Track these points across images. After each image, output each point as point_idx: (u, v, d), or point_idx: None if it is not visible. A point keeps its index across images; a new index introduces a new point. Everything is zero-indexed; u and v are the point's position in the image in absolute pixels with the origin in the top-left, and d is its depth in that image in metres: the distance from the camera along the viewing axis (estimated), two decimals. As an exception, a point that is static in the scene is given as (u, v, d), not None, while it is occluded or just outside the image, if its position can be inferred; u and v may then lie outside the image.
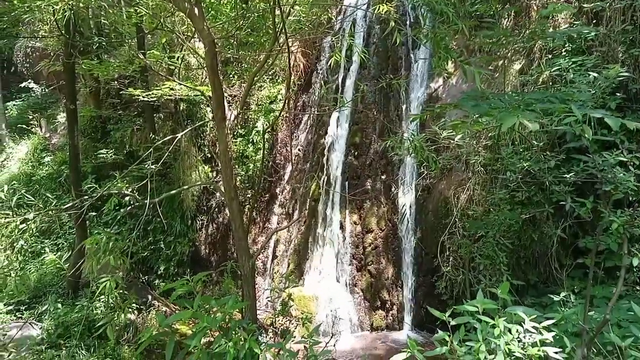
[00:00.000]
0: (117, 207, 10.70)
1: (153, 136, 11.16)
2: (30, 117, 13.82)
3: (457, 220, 8.36)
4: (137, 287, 9.33)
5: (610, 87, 6.48)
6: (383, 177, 10.43)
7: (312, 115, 12.15)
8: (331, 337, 7.74)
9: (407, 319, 9.09)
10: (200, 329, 3.50)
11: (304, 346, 4.08)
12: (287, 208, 11.61)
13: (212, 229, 11.55)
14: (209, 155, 12.22)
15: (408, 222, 9.44)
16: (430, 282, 8.88)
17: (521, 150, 7.85)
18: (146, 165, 8.17)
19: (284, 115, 12.46)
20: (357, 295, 9.65)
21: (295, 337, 4.39)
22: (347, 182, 10.69)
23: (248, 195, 11.88)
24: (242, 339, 3.59)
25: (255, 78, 6.63)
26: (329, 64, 11.90)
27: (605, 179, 3.68)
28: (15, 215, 4.40)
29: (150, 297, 9.28)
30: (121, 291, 4.25)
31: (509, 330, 2.80)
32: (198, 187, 11.41)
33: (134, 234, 4.96)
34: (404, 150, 7.05)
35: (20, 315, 8.65)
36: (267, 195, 12.07)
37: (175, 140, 6.57)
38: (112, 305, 8.78)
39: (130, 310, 8.67)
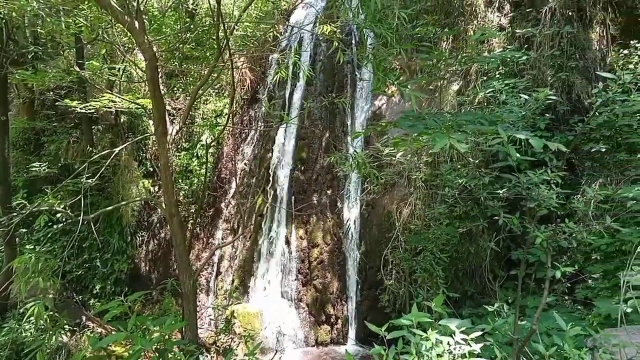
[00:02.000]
0: (49, 224, 10.20)
1: (90, 149, 10.72)
2: (-46, 126, 12.86)
3: (399, 234, 8.59)
4: (71, 307, 8.85)
5: (540, 109, 6.94)
6: (329, 191, 10.55)
7: (258, 129, 12.14)
8: (275, 353, 7.68)
9: (352, 333, 9.17)
10: (135, 352, 3.39)
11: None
12: (232, 223, 11.46)
13: (153, 245, 11.18)
14: (151, 170, 11.87)
15: (352, 236, 9.58)
16: (374, 295, 9.03)
17: (458, 167, 8.23)
18: (82, 180, 7.84)
19: (230, 129, 12.36)
20: (302, 310, 9.64)
21: (237, 355, 4.34)
22: (293, 197, 10.73)
23: (192, 210, 11.63)
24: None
25: (200, 92, 6.56)
26: (275, 79, 11.99)
27: (530, 196, 3.94)
28: None
29: (84, 317, 8.82)
30: (52, 313, 4.02)
31: (441, 343, 2.91)
32: (139, 202, 11.04)
33: (65, 253, 4.73)
34: (348, 166, 7.19)
35: None
36: (211, 210, 11.87)
37: (115, 154, 6.35)
38: (42, 327, 8.30)
39: (62, 332, 8.22)
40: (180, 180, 11.69)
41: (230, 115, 11.52)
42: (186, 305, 5.83)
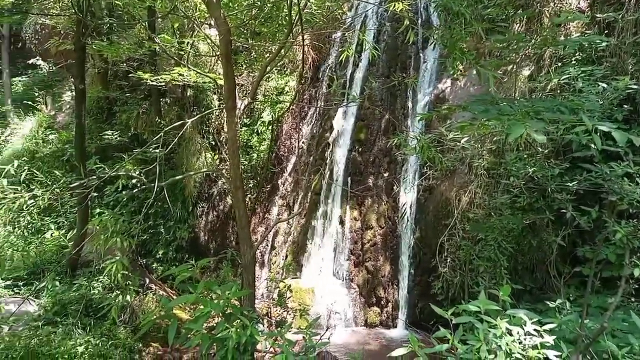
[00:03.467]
0: (118, 189, 10.79)
1: (159, 120, 11.18)
2: (36, 94, 13.80)
3: (457, 222, 8.40)
4: (136, 269, 9.38)
5: (618, 99, 6.50)
6: (385, 174, 10.46)
7: (318, 108, 12.17)
8: (326, 329, 7.82)
9: (401, 317, 9.15)
10: (204, 314, 3.55)
11: (303, 337, 4.14)
12: (288, 200, 11.64)
13: (212, 217, 11.59)
14: (213, 143, 12.24)
15: (408, 221, 9.48)
16: (426, 282, 8.94)
17: (525, 156, 7.89)
18: (152, 149, 8.21)
19: (290, 107, 12.48)
20: (352, 290, 9.71)
21: (292, 327, 4.45)
22: (349, 178, 10.72)
23: (250, 185, 11.91)
24: (244, 326, 3.64)
25: (267, 68, 6.64)
26: (338, 58, 11.91)
27: (612, 189, 3.72)
28: (24, 191, 4.43)
29: (147, 280, 9.33)
30: (125, 272, 4.28)
31: (509, 332, 2.85)
32: (201, 174, 11.44)
33: (140, 216, 4.99)
34: (410, 149, 7.08)
35: (18, 291, 8.69)
36: (269, 186, 12.11)
37: (186, 127, 6.58)
38: (110, 286, 8.86)
39: (127, 292, 8.74)
40: (240, 156, 11.96)
41: (298, 92, 11.61)
42: (245, 276, 6.01)
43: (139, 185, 5.38)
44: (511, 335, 2.81)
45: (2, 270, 6.78)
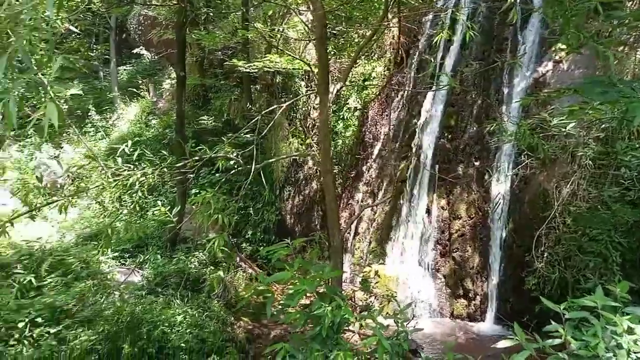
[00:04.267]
0: (212, 172, 11.38)
1: (249, 106, 11.60)
2: (140, 81, 14.90)
3: (557, 215, 7.86)
4: (229, 247, 9.88)
5: None
6: (476, 163, 10.02)
7: (406, 94, 11.92)
8: (412, 318, 7.72)
9: (490, 311, 8.78)
10: (300, 291, 3.64)
11: (394, 321, 4.10)
12: (372, 186, 11.59)
13: (298, 200, 11.86)
14: (300, 129, 12.48)
15: (502, 212, 9.03)
16: (519, 276, 8.48)
17: (637, 146, 7.17)
18: (243, 134, 8.55)
19: (376, 93, 12.34)
20: (438, 280, 9.49)
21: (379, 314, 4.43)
22: (437, 166, 10.42)
23: (335, 171, 12.01)
24: (338, 306, 3.68)
25: (359, 52, 6.60)
26: (428, 42, 11.55)
27: None
28: (136, 169, 4.82)
29: (238, 258, 9.78)
30: (224, 248, 4.51)
31: (631, 331, 2.61)
32: (288, 158, 11.73)
33: (239, 195, 5.24)
34: (507, 135, 6.70)
35: (124, 262, 9.51)
36: (353, 172, 12.13)
37: (280, 111, 6.74)
38: (204, 262, 9.42)
39: (221, 268, 9.25)
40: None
41: (389, 78, 11.45)
42: (334, 258, 6.09)
43: (236, 166, 5.61)
44: (632, 334, 2.57)
45: (108, 243, 7.40)
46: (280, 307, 4.09)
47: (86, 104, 13.51)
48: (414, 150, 10.82)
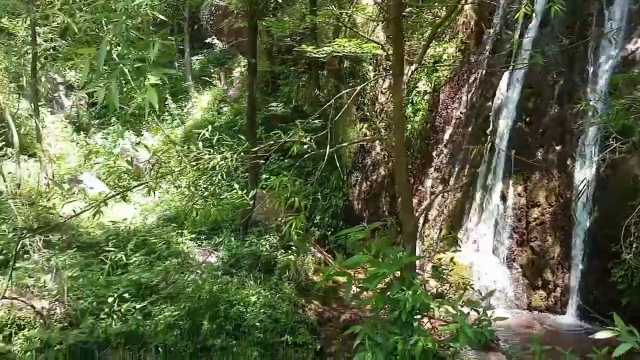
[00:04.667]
0: (281, 157, 11.57)
1: (317, 92, 11.65)
2: (212, 70, 15.40)
3: (650, 202, 7.22)
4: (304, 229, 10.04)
5: None
6: (557, 147, 9.42)
7: (479, 76, 11.41)
8: (486, 309, 7.48)
9: (572, 304, 8.30)
10: (379, 275, 3.61)
11: (473, 309, 3.97)
12: (443, 173, 11.27)
13: (365, 186, 11.80)
14: (367, 114, 12.35)
15: (586, 199, 8.45)
16: (604, 268, 7.93)
17: None
18: (312, 120, 8.58)
19: (448, 75, 11.93)
20: (514, 270, 9.09)
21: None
22: (513, 151, 9.91)
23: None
24: (417, 291, 3.61)
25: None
26: (504, 20, 10.95)
27: None
28: (216, 153, 4.98)
29: (301, 244, 9.90)
30: (300, 231, 4.57)
31: None
32: (355, 144, 11.67)
33: (315, 179, 5.29)
34: (596, 117, 6.22)
35: (200, 244, 9.93)
36: (422, 157, 11.85)
37: (353, 94, 6.69)
38: (275, 245, 9.63)
39: (291, 251, 9.44)
40: (393, 126, 11.89)
41: (460, 59, 11.01)
42: (407, 244, 5.99)
43: (309, 150, 5.65)
44: None
45: (194, 225, 7.77)
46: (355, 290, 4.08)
47: (163, 93, 14.17)
48: (488, 134, 10.37)
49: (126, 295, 7.16)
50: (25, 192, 9.02)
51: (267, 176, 11.63)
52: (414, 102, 12.05)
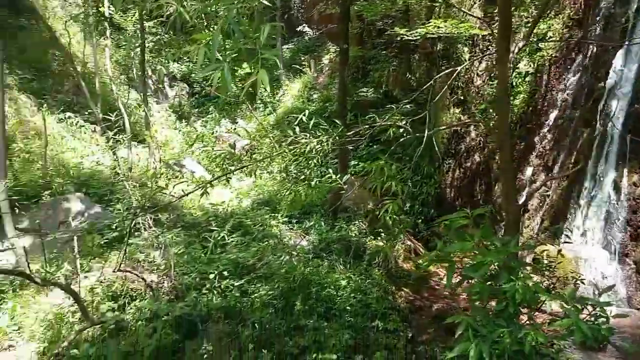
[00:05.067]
0: (370, 144, 11.48)
1: (409, 76, 11.36)
2: (302, 58, 15.64)
3: None
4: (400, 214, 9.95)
5: None
6: (685, 131, 8.36)
7: (589, 55, 10.41)
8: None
9: (699, 307, 7.39)
10: (485, 263, 3.44)
11: (590, 305, 3.66)
12: (545, 159, 10.48)
13: (458, 173, 11.36)
14: (462, 98, 11.83)
15: None
16: None
17: None
18: (403, 105, 8.38)
19: (553, 54, 11.02)
20: (627, 266, 8.26)
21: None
22: (628, 135, 8.95)
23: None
24: (527, 282, 3.40)
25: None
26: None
27: None
28: (312, 137, 5.05)
29: (396, 229, 9.77)
30: (396, 216, 4.49)
31: None
32: (449, 130, 11.25)
33: (412, 163, 5.18)
34: None
35: (291, 227, 10.20)
36: (522, 143, 11.11)
37: (453, 76, 6.42)
38: (364, 231, 9.63)
39: (380, 238, 9.38)
40: (491, 110, 11.27)
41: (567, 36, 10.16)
42: (508, 234, 5.67)
43: (404, 135, 5.51)
44: None
45: (292, 208, 7.97)
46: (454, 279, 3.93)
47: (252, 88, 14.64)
48: (598, 117, 9.46)
49: (225, 273, 7.55)
50: (137, 175, 9.83)
51: (356, 162, 11.63)
52: (514, 84, 11.31)
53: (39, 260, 7.27)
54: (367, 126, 5.24)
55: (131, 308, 6.82)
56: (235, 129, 14.07)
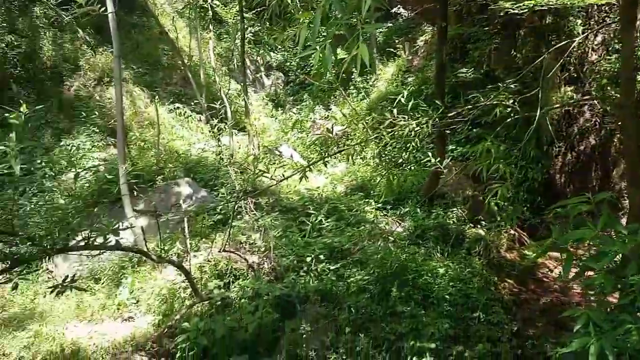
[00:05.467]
0: (470, 127, 10.91)
1: (514, 54, 10.59)
2: (396, 41, 15.28)
3: None
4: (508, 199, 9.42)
5: None
6: None
7: None
8: None
9: None
10: (609, 253, 3.10)
11: None
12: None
13: (570, 158, 10.41)
14: (574, 75, 10.77)
15: None
16: None
17: None
18: (507, 84, 7.80)
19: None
20: None
21: None
22: None
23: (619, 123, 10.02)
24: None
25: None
26: None
27: None
28: (410, 119, 4.89)
29: (504, 216, 9.24)
30: (502, 203, 4.21)
31: None
32: (558, 111, 10.32)
33: (522, 144, 4.82)
34: None
35: (385, 214, 10.07)
36: (648, 124, 9.88)
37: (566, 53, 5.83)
38: (462, 218, 9.24)
39: (480, 226, 8.94)
40: (609, 88, 10.13)
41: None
42: (630, 221, 5.08)
43: (512, 115, 5.13)
44: None
45: (389, 193, 7.86)
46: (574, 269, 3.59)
47: (349, 67, 14.58)
48: None
49: (321, 256, 7.70)
50: (238, 161, 10.34)
51: (454, 147, 11.15)
52: None
53: (153, 239, 7.95)
54: (470, 106, 4.94)
55: (235, 286, 7.21)
56: (328, 116, 14.18)
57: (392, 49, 15.14)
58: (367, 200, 10.04)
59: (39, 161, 9.82)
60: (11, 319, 6.90)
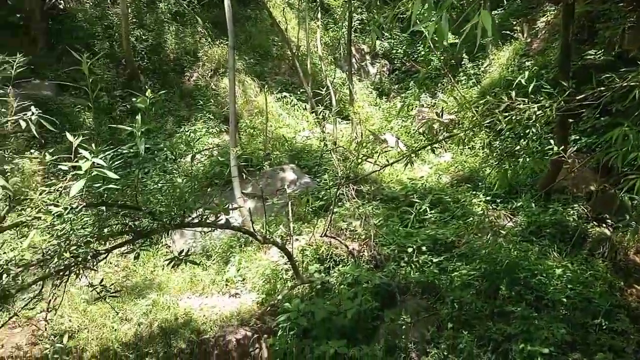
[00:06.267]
0: (597, 115, 9.80)
1: (655, 31, 9.24)
2: (513, 23, 14.20)
3: None
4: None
5: None
6: None
7: None
8: None
9: None
10: None
11: None
12: None
13: None
14: None
15: None
16: None
17: None
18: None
19: None
20: None
21: None
22: None
23: None
24: None
25: None
26: None
27: None
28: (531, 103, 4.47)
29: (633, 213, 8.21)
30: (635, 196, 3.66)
31: None
32: None
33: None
34: None
35: (495, 207, 9.44)
36: None
37: None
38: (585, 215, 8.36)
39: (605, 224, 8.03)
40: None
41: None
42: None
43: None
44: None
45: (504, 185, 7.32)
46: None
47: (459, 53, 13.87)
48: None
49: (423, 248, 7.45)
50: (341, 149, 10.37)
51: (578, 137, 10.10)
52: None
53: (259, 221, 8.29)
54: (602, 88, 4.38)
55: (335, 272, 7.27)
56: (435, 103, 13.64)
57: (508, 32, 14.08)
58: (474, 192, 9.50)
59: (161, 145, 10.73)
60: (133, 288, 7.64)
